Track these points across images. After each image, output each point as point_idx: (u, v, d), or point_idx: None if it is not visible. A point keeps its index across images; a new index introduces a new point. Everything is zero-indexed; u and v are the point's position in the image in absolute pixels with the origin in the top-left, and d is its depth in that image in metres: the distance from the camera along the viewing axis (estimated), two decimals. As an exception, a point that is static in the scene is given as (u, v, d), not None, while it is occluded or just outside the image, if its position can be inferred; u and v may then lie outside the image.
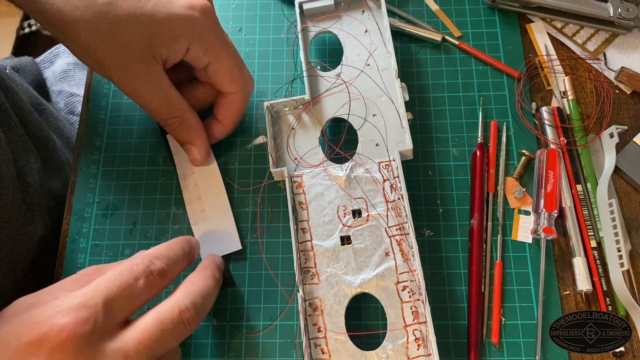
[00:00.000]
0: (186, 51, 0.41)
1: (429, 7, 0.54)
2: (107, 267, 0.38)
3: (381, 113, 0.47)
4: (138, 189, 0.48)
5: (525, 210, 0.46)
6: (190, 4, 0.40)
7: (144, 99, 0.42)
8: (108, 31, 0.39)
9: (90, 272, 0.38)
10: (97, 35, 0.39)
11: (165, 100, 0.43)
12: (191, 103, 0.45)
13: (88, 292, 0.34)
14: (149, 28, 0.39)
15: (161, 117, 0.44)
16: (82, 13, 0.38)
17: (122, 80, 0.41)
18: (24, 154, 0.49)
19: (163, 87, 0.42)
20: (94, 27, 0.39)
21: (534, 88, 0.50)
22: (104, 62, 0.40)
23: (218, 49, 0.42)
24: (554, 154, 0.45)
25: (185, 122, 0.44)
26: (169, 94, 0.43)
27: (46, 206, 0.50)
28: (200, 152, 0.45)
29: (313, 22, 0.51)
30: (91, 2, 0.38)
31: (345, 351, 0.40)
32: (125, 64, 0.40)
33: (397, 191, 0.44)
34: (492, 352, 0.42)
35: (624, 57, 0.51)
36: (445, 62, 0.51)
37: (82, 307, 0.33)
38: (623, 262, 0.42)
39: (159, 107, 0.43)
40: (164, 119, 0.44)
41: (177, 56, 0.42)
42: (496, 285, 0.44)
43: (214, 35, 0.42)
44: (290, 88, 0.51)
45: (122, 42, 0.39)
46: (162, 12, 0.39)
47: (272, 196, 0.48)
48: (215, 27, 0.42)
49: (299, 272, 0.41)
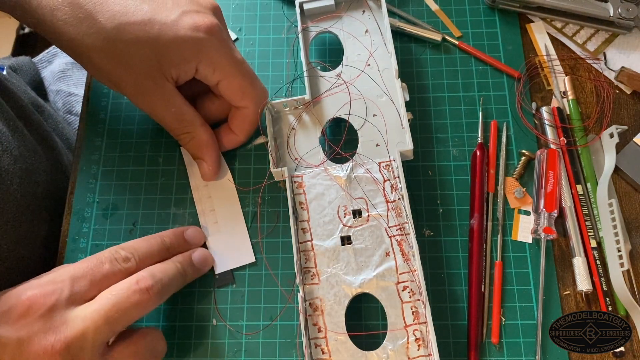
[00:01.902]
0: (195, 70, 0.42)
1: (429, 7, 0.54)
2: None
3: (381, 113, 0.47)
4: (138, 189, 0.48)
5: (525, 210, 0.46)
6: (195, 25, 0.41)
7: (157, 116, 0.44)
8: (119, 55, 0.40)
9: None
10: (109, 59, 0.41)
11: (177, 117, 0.44)
12: (206, 116, 0.46)
13: (56, 273, 0.38)
14: (157, 50, 0.40)
15: (174, 132, 0.45)
16: (92, 40, 0.40)
17: (136, 98, 0.43)
18: (31, 155, 0.49)
19: (175, 104, 0.43)
20: (105, 52, 0.40)
21: (534, 88, 0.50)
22: (118, 83, 0.42)
23: (226, 67, 0.42)
24: (554, 154, 0.45)
25: (196, 137, 0.45)
26: (181, 111, 0.44)
27: (51, 207, 0.50)
28: (210, 167, 0.46)
29: (313, 22, 0.51)
30: (100, 29, 0.40)
31: (346, 351, 0.40)
32: (137, 84, 0.42)
33: (397, 191, 0.44)
34: (492, 352, 0.42)
35: (624, 57, 0.51)
36: (445, 62, 0.51)
37: (50, 282, 0.37)
38: (623, 262, 0.43)
39: (171, 123, 0.45)
40: (176, 134, 0.46)
41: (187, 75, 0.43)
42: (496, 285, 0.44)
43: (222, 54, 0.42)
44: (291, 88, 0.51)
45: (132, 64, 0.41)
46: (168, 35, 0.40)
47: (272, 196, 0.48)
48: (222, 45, 0.42)
49: (299, 272, 0.41)
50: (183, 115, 0.44)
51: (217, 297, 0.45)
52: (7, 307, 0.36)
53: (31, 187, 0.48)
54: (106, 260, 0.39)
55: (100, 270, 0.38)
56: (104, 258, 0.39)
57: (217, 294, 0.45)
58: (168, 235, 0.44)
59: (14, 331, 0.35)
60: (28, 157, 0.48)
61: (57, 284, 0.37)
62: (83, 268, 0.38)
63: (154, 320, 0.44)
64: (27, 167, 0.48)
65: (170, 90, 0.43)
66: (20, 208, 0.46)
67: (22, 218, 0.46)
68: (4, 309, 0.35)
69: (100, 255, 0.39)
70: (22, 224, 0.46)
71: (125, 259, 0.40)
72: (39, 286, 0.37)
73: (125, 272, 0.39)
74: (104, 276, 0.38)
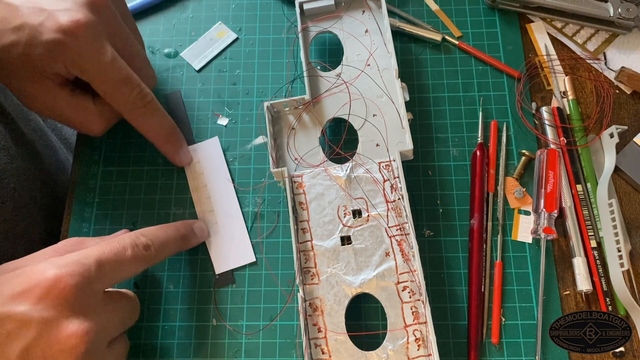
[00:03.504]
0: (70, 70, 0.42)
1: (429, 7, 0.54)
2: (89, 240, 0.41)
3: (381, 113, 0.47)
4: (138, 189, 0.48)
5: (525, 210, 0.46)
6: (57, 28, 0.39)
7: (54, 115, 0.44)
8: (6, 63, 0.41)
9: (72, 243, 0.40)
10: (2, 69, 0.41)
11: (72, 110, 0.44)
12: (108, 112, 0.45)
13: (82, 253, 0.37)
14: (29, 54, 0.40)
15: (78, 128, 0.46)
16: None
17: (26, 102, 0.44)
18: (29, 154, 0.49)
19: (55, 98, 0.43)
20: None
21: (534, 88, 0.50)
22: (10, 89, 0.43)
23: (91, 72, 0.41)
24: (554, 154, 0.45)
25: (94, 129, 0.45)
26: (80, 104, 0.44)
27: (50, 206, 0.50)
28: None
29: (313, 22, 0.51)
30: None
31: (346, 351, 0.40)
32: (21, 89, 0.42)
33: (397, 191, 0.44)
34: (492, 352, 0.42)
35: (624, 57, 0.51)
36: (445, 62, 0.51)
37: (77, 263, 0.35)
38: (623, 262, 0.42)
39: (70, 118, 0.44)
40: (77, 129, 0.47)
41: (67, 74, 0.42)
42: (496, 285, 0.44)
43: (86, 57, 0.40)
44: (291, 88, 0.51)
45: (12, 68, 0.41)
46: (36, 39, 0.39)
47: (272, 196, 0.48)
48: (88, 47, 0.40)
49: (299, 272, 0.41)
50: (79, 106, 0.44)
51: (217, 297, 0.45)
52: (29, 284, 0.34)
53: (29, 186, 0.48)
54: (129, 245, 0.38)
55: (124, 255, 0.38)
56: (127, 243, 0.38)
57: (217, 294, 0.45)
58: (181, 224, 0.44)
59: (37, 310, 0.33)
60: (26, 156, 0.48)
61: (84, 265, 0.35)
62: (108, 250, 0.37)
63: (154, 320, 0.44)
64: (25, 166, 0.48)
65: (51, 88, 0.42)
66: (18, 207, 0.46)
67: (20, 217, 0.46)
68: (26, 285, 0.34)
69: (122, 239, 0.39)
70: (19, 223, 0.46)
71: (146, 247, 0.39)
72: (66, 265, 0.35)
73: (145, 260, 0.39)
74: (127, 263, 0.38)
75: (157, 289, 0.45)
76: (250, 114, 0.50)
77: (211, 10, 0.55)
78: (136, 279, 0.46)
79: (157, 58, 0.53)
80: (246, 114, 0.50)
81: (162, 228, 0.42)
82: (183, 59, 0.53)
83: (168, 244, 0.42)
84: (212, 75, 0.52)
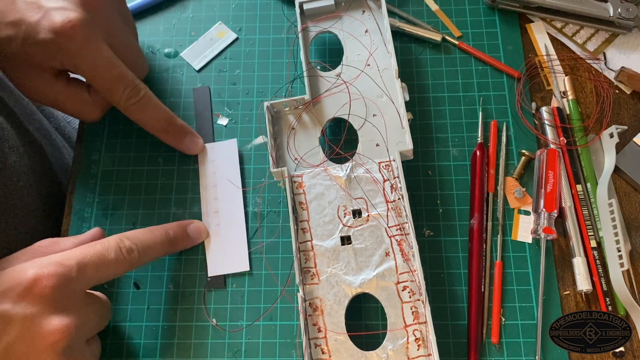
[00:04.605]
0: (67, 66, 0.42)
1: (429, 7, 0.54)
2: (64, 240, 0.42)
3: (381, 113, 0.47)
4: (138, 189, 0.48)
5: (525, 210, 0.46)
6: (52, 27, 0.39)
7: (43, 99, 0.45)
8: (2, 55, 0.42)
9: (47, 244, 0.41)
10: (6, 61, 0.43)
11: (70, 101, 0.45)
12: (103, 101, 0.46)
13: (64, 254, 0.38)
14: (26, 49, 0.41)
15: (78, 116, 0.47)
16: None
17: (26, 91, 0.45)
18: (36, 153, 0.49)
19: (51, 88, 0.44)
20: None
21: (534, 88, 0.50)
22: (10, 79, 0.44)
23: (86, 70, 0.42)
24: (554, 154, 0.45)
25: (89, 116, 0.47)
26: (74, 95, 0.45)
27: (54, 205, 0.50)
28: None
29: (313, 22, 0.51)
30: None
31: (346, 351, 0.40)
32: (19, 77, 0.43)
33: (397, 191, 0.44)
34: (492, 352, 0.42)
35: (624, 57, 0.51)
36: (445, 62, 0.51)
37: (58, 264, 0.36)
38: (623, 262, 0.42)
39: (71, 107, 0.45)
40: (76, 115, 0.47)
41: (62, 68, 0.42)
42: (496, 285, 0.44)
43: (80, 56, 0.41)
44: (291, 88, 0.51)
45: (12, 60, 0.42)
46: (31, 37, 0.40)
47: (272, 196, 0.48)
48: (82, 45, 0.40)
49: (299, 272, 0.41)
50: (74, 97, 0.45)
51: (217, 297, 0.45)
52: (10, 283, 0.35)
53: (36, 184, 0.48)
54: (112, 249, 0.39)
55: (106, 258, 0.39)
56: (110, 246, 0.39)
57: (217, 294, 0.45)
58: (172, 227, 0.44)
59: (19, 308, 0.34)
60: (33, 155, 0.49)
61: (65, 267, 0.36)
62: (90, 253, 0.38)
63: (153, 320, 0.44)
64: (32, 165, 0.48)
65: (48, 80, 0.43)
66: (28, 205, 0.46)
67: (30, 215, 0.46)
68: (7, 285, 0.35)
69: (106, 242, 0.39)
70: (29, 221, 0.46)
71: (129, 250, 0.40)
72: (48, 265, 0.36)
73: (127, 263, 0.40)
74: (109, 265, 0.39)
75: (158, 289, 0.45)
76: (250, 114, 0.50)
77: (211, 10, 0.55)
78: (136, 279, 0.46)
79: (157, 58, 0.53)
80: (246, 114, 0.50)
81: (149, 231, 0.42)
82: (183, 59, 0.53)
83: (154, 247, 0.42)
84: (212, 75, 0.52)
